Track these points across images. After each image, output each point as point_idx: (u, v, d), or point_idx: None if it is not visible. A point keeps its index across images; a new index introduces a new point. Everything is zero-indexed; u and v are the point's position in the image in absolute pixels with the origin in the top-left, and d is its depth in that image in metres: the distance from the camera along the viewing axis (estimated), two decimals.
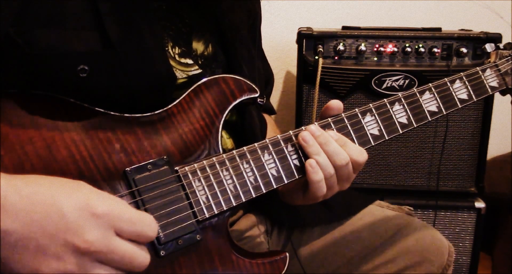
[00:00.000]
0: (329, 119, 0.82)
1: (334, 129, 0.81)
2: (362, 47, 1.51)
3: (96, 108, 0.70)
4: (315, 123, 0.81)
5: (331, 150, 0.78)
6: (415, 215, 1.08)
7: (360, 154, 0.80)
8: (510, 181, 1.69)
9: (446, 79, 0.89)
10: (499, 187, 1.72)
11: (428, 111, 0.88)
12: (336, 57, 1.52)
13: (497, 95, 0.99)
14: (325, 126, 0.81)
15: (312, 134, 0.79)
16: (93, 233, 0.57)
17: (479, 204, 1.57)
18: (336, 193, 0.83)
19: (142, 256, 0.62)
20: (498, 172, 1.76)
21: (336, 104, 0.83)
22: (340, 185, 0.82)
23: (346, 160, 0.79)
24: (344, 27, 1.59)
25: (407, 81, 1.51)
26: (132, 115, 0.72)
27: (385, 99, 0.85)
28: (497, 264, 1.78)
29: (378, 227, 1.02)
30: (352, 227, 1.03)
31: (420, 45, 1.51)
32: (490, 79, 0.93)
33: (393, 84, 1.51)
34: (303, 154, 0.79)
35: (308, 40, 1.52)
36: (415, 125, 0.86)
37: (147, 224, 0.62)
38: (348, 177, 0.81)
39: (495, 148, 1.85)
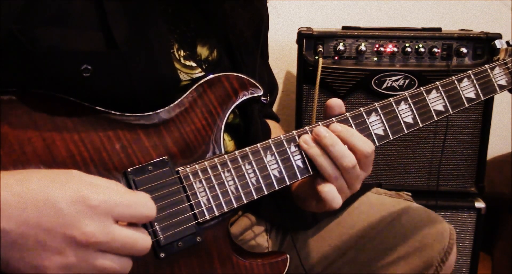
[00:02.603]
0: (333, 119, 0.80)
1: None
2: (362, 47, 1.51)
3: (97, 108, 0.70)
4: (319, 123, 0.80)
5: (338, 152, 0.76)
6: (413, 201, 1.06)
7: (366, 144, 0.78)
8: (510, 181, 1.69)
9: (453, 77, 0.88)
10: (499, 187, 1.72)
11: (435, 110, 0.86)
12: (336, 57, 1.52)
13: (497, 95, 0.98)
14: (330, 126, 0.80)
15: (318, 136, 0.77)
16: (91, 225, 0.57)
17: (479, 204, 1.57)
18: None
19: (143, 240, 0.61)
20: (498, 172, 1.76)
21: (335, 102, 0.81)
22: (351, 188, 0.79)
23: (353, 162, 0.76)
24: (344, 27, 1.58)
25: (407, 81, 1.51)
26: (133, 114, 0.72)
27: (390, 99, 0.83)
28: (497, 264, 1.78)
29: (375, 215, 1.01)
30: (349, 216, 1.02)
31: (420, 45, 1.51)
32: (499, 77, 0.92)
33: (393, 84, 1.51)
34: (306, 155, 0.79)
35: (308, 40, 1.51)
36: (421, 125, 0.85)
37: (143, 204, 0.62)
38: (358, 178, 0.79)
39: (495, 148, 1.85)
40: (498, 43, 0.97)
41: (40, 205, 0.56)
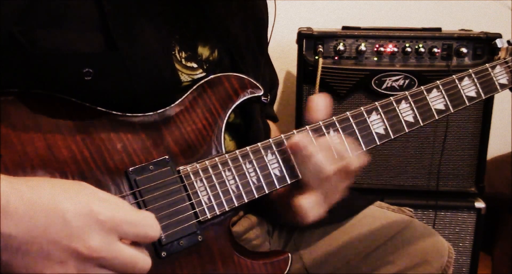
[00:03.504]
0: (334, 118, 0.80)
1: (339, 128, 0.80)
2: (362, 47, 1.51)
3: (98, 108, 0.70)
4: (320, 122, 0.80)
5: (320, 160, 0.76)
6: (415, 217, 1.08)
7: (354, 160, 0.77)
8: (510, 181, 1.69)
9: (454, 76, 0.88)
10: (499, 187, 1.72)
11: (435, 109, 0.86)
12: (336, 57, 1.52)
13: (497, 95, 0.98)
14: (330, 126, 0.80)
15: (302, 143, 0.76)
16: (96, 239, 0.57)
17: (479, 204, 1.57)
18: None
19: (144, 261, 0.62)
20: (498, 172, 1.76)
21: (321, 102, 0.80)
22: (330, 198, 0.79)
23: (334, 169, 0.76)
24: (344, 27, 1.59)
25: (407, 81, 1.51)
26: (134, 114, 0.72)
27: (391, 98, 0.84)
28: (497, 264, 1.78)
29: (378, 228, 1.02)
30: (353, 228, 1.02)
31: (420, 45, 1.51)
32: (500, 76, 0.92)
33: (393, 84, 1.51)
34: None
35: (308, 40, 1.51)
36: (422, 124, 0.85)
37: (149, 225, 0.62)
38: (337, 187, 0.79)
39: (495, 148, 1.85)
40: (499, 42, 0.98)
41: (49, 214, 0.56)
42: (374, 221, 1.03)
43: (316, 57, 1.50)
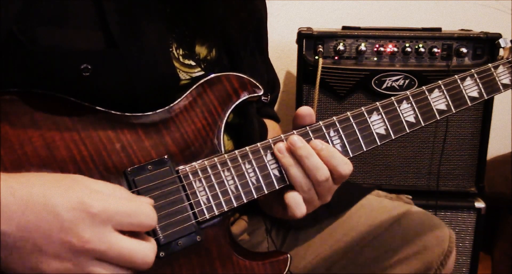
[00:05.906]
0: (334, 118, 0.80)
1: (339, 128, 0.80)
2: (362, 47, 1.51)
3: (97, 107, 0.70)
4: (320, 122, 0.80)
5: (312, 164, 0.75)
6: (413, 203, 1.07)
7: (346, 165, 0.76)
8: (510, 181, 1.69)
9: (456, 76, 0.87)
10: (499, 187, 1.72)
11: (437, 109, 0.86)
12: (336, 57, 1.52)
13: (497, 95, 0.98)
14: (330, 126, 0.80)
15: (293, 146, 0.75)
16: (89, 231, 0.57)
17: (479, 204, 1.57)
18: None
19: (142, 254, 0.61)
20: (498, 172, 1.76)
21: (305, 111, 0.79)
22: (321, 199, 0.78)
23: (326, 175, 0.75)
24: (344, 27, 1.59)
25: (407, 81, 1.51)
26: (133, 114, 0.72)
27: (392, 98, 0.83)
28: (497, 264, 1.78)
29: (376, 217, 1.01)
30: (350, 219, 1.02)
31: (420, 45, 1.51)
32: (502, 76, 0.91)
33: (393, 84, 1.51)
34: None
35: (308, 40, 1.51)
36: (423, 125, 0.84)
37: (144, 213, 0.62)
38: (329, 190, 0.78)
39: (495, 148, 1.85)
40: (502, 42, 0.97)
41: (40, 209, 0.57)
42: (371, 211, 1.02)
43: (316, 57, 1.50)
